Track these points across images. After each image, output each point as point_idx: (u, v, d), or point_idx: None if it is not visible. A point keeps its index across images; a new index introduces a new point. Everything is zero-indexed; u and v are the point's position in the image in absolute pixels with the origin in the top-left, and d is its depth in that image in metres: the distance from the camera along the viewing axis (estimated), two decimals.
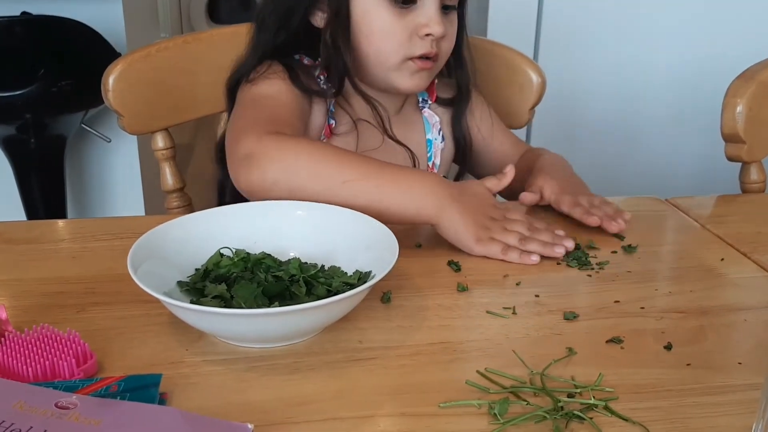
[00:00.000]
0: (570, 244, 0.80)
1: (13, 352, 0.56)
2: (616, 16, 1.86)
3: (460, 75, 1.01)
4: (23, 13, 1.75)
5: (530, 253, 0.78)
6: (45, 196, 1.86)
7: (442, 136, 1.04)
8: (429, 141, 1.03)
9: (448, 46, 0.94)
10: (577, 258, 0.78)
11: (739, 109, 1.02)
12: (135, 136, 1.85)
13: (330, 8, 0.90)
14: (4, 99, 1.68)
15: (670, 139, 1.96)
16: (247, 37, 0.97)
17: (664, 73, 1.91)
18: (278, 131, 0.81)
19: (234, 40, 1.09)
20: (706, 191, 1.04)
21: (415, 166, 0.97)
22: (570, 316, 0.67)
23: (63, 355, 0.56)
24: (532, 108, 1.15)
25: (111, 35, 1.75)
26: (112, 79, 1.02)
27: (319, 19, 0.93)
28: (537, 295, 0.71)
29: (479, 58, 1.13)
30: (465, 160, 1.06)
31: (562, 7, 1.84)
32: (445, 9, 0.91)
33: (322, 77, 0.95)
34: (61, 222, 0.94)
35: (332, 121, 0.96)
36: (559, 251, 0.78)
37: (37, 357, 0.56)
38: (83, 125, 1.84)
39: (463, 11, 0.96)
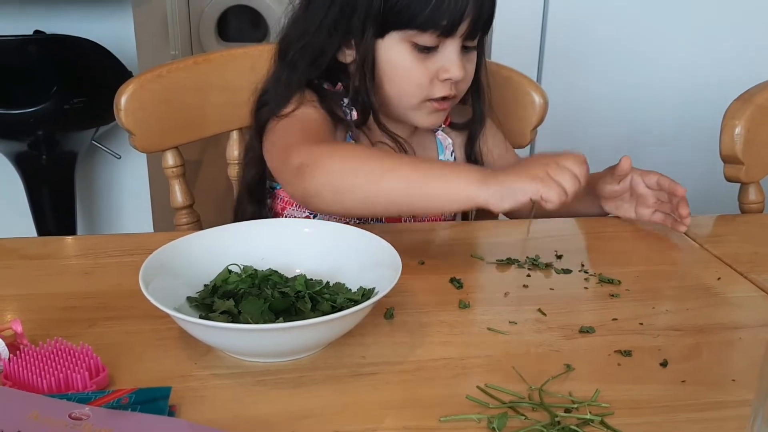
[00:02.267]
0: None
1: (28, 365, 0.58)
2: (617, 39, 1.88)
3: (476, 102, 1.04)
4: (36, 31, 1.79)
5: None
6: (55, 211, 1.89)
7: (454, 158, 1.06)
8: None
9: (465, 85, 0.97)
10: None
11: (737, 130, 1.04)
12: (144, 153, 1.88)
13: (358, 54, 0.93)
14: (17, 116, 1.71)
15: (669, 159, 1.97)
16: (270, 66, 0.99)
17: (664, 95, 1.93)
18: (324, 140, 0.87)
19: (244, 61, 1.12)
20: (705, 211, 1.05)
21: None
22: (587, 329, 0.70)
23: (76, 368, 0.58)
24: (535, 128, 1.17)
25: (122, 53, 1.78)
26: (124, 98, 1.05)
27: (346, 56, 0.96)
28: (539, 311, 0.73)
29: None
30: None
31: (565, 29, 1.87)
32: (465, 49, 0.93)
33: (344, 101, 0.98)
34: (73, 238, 0.96)
35: (350, 140, 0.99)
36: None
37: (51, 369, 0.58)
38: (94, 142, 1.87)
39: (483, 43, 0.98)
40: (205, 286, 0.72)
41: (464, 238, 0.94)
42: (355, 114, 0.97)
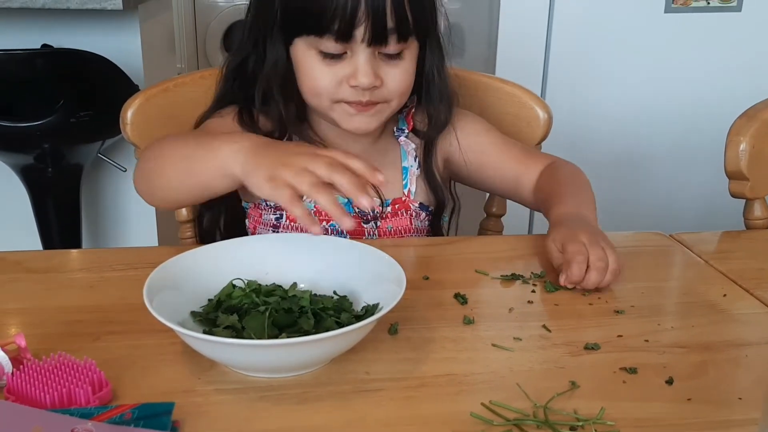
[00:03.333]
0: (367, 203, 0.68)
1: (32, 379, 0.58)
2: (621, 55, 1.89)
3: (430, 108, 1.02)
4: (44, 45, 1.80)
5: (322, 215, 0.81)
6: (61, 224, 1.89)
7: (418, 163, 1.05)
8: (405, 168, 1.03)
9: (392, 90, 0.93)
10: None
11: (742, 147, 1.04)
12: None
13: (270, 59, 0.95)
14: (23, 129, 1.71)
15: (674, 175, 1.98)
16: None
17: (668, 111, 1.93)
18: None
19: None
20: (710, 227, 1.05)
21: (379, 196, 0.98)
22: (591, 346, 0.69)
23: (79, 383, 0.58)
24: (539, 143, 1.17)
25: (129, 67, 1.79)
26: (130, 112, 1.05)
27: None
28: (543, 327, 0.72)
29: (487, 95, 1.16)
30: (437, 192, 1.04)
31: (570, 46, 1.87)
32: (387, 56, 0.91)
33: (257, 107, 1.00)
34: (78, 252, 0.96)
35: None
36: (365, 203, 0.67)
37: (54, 384, 0.58)
38: (100, 155, 1.88)
39: (433, 47, 0.97)
40: (209, 300, 0.71)
41: (468, 253, 0.94)
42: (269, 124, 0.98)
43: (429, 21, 0.94)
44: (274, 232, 0.99)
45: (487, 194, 1.18)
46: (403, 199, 1.02)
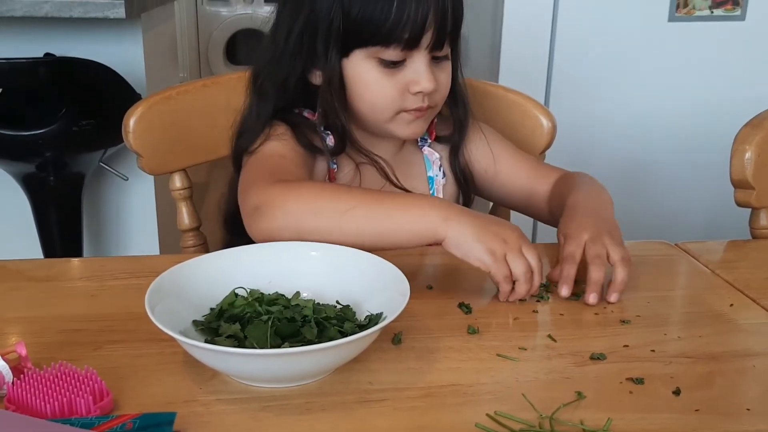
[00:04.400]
0: (565, 292, 0.79)
1: (32, 389, 0.58)
2: (625, 64, 1.89)
3: (455, 112, 1.02)
4: (46, 54, 1.80)
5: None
6: (62, 232, 1.89)
7: (443, 173, 1.05)
8: (430, 178, 1.04)
9: (441, 94, 0.95)
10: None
11: (747, 155, 1.04)
12: (152, 175, 1.88)
13: (324, 74, 0.92)
14: (25, 137, 1.71)
15: (679, 184, 1.97)
16: (245, 100, 0.99)
17: (674, 119, 1.93)
18: (281, 180, 0.84)
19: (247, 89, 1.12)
20: (716, 236, 1.04)
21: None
22: (597, 356, 0.68)
23: (80, 392, 0.57)
24: (543, 152, 1.17)
25: (131, 76, 1.79)
26: (132, 120, 1.05)
27: (316, 77, 0.95)
28: (549, 337, 0.72)
29: (491, 103, 1.15)
30: (467, 194, 1.06)
31: (573, 54, 1.87)
32: (435, 60, 0.92)
33: (322, 128, 0.97)
34: (79, 260, 0.95)
35: (334, 166, 0.98)
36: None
37: (55, 394, 0.57)
38: (101, 164, 1.88)
39: (457, 51, 0.97)
40: (211, 309, 0.71)
41: None
42: (331, 139, 0.96)
43: (462, 23, 0.95)
44: None
45: (491, 203, 1.17)
46: (430, 195, 1.02)
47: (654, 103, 1.91)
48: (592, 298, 0.79)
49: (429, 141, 1.05)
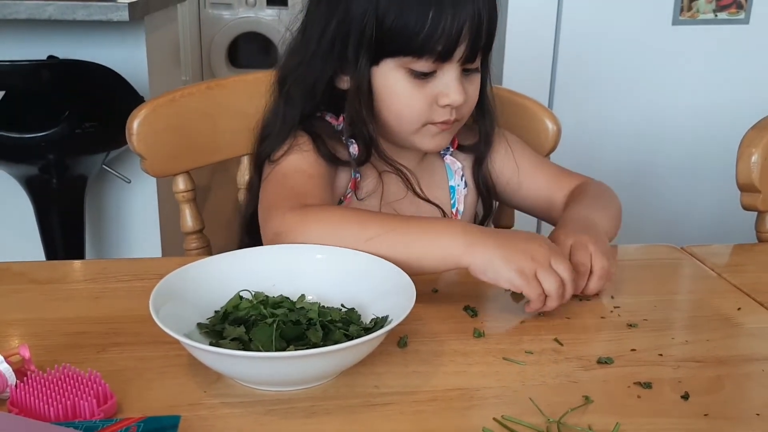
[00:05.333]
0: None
1: (36, 392, 0.57)
2: (629, 67, 1.89)
3: (482, 124, 1.01)
4: (50, 56, 1.81)
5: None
6: (64, 234, 1.89)
7: (465, 182, 1.04)
8: (452, 188, 1.03)
9: (469, 107, 0.94)
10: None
11: (754, 158, 1.03)
12: (154, 178, 1.88)
13: (353, 81, 0.91)
14: (28, 140, 1.71)
15: (685, 187, 1.97)
16: (269, 100, 0.97)
17: (679, 122, 1.92)
18: (302, 204, 0.83)
19: (256, 86, 1.11)
20: (721, 240, 1.04)
21: (442, 211, 0.98)
22: (605, 360, 0.68)
23: (84, 395, 0.57)
24: (548, 155, 1.16)
25: (134, 79, 1.79)
26: (136, 123, 1.05)
27: (344, 83, 0.93)
28: (555, 340, 0.71)
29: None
30: (489, 205, 1.05)
31: (577, 57, 1.87)
32: (465, 72, 0.90)
33: (345, 134, 0.96)
34: (82, 262, 0.95)
35: (357, 175, 0.96)
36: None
37: (58, 397, 0.57)
38: (104, 166, 1.88)
39: (487, 62, 0.96)
40: (216, 312, 0.70)
41: None
42: (356, 148, 0.95)
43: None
44: None
45: (496, 205, 1.16)
46: (452, 218, 1.00)
47: (658, 106, 1.91)
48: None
49: (451, 149, 1.04)
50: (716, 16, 1.85)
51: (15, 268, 0.87)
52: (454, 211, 1.02)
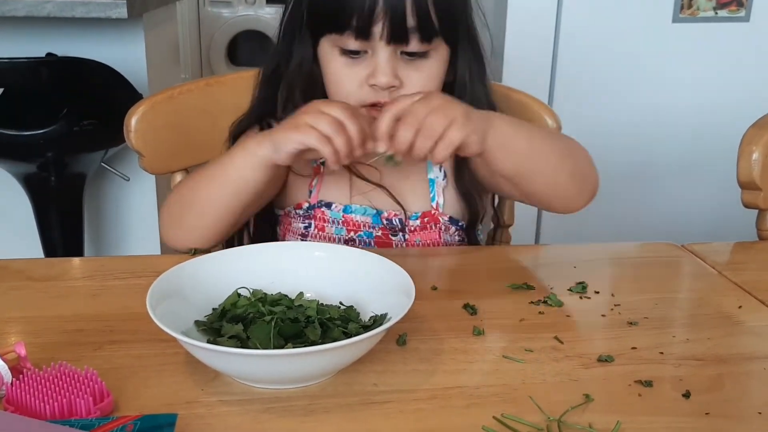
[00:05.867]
0: (371, 147, 0.79)
1: (31, 389, 0.57)
2: (629, 65, 1.88)
3: None
4: (48, 54, 1.80)
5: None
6: (63, 232, 1.88)
7: (444, 173, 1.02)
8: (431, 180, 1.01)
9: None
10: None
11: (754, 156, 1.03)
12: (153, 176, 1.88)
13: (294, 59, 0.94)
14: (27, 137, 1.71)
15: (685, 185, 1.96)
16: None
17: (679, 119, 1.92)
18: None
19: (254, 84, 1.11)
20: (722, 238, 1.03)
21: (399, 205, 0.97)
22: (605, 358, 0.67)
23: (80, 393, 0.56)
24: None
25: (133, 76, 1.78)
26: (134, 119, 1.04)
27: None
28: (555, 338, 0.71)
29: (495, 103, 1.14)
30: (470, 198, 1.01)
31: (577, 54, 1.87)
32: (408, 56, 0.89)
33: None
34: (80, 260, 0.95)
35: (315, 163, 0.98)
36: (358, 153, 0.79)
37: (54, 394, 0.56)
38: (103, 164, 1.87)
39: (462, 52, 0.94)
40: (214, 309, 0.70)
41: (477, 263, 0.92)
42: None
43: (458, 23, 0.92)
44: (302, 240, 0.97)
45: (496, 202, 1.16)
46: (432, 212, 0.99)
47: (658, 103, 1.90)
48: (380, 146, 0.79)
49: None
50: (716, 13, 1.84)
51: (12, 265, 0.86)
52: (434, 204, 1.00)
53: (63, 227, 1.88)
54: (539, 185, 0.89)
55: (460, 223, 1.01)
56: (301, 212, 0.99)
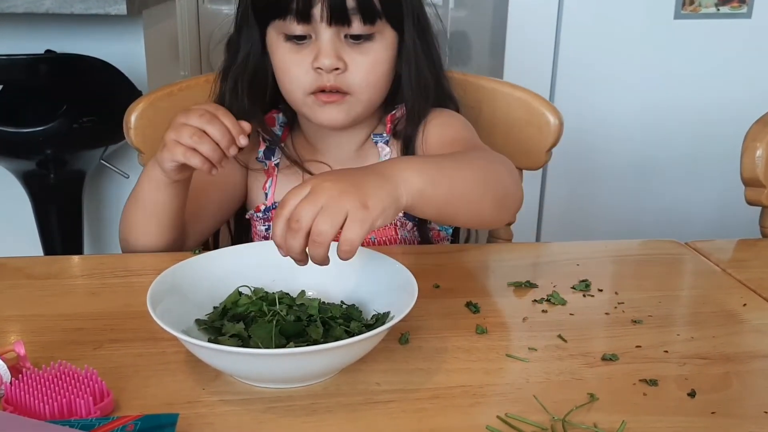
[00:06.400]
0: (243, 141, 0.80)
1: (31, 389, 0.56)
2: (631, 61, 1.88)
3: (407, 101, 0.97)
4: (47, 51, 1.79)
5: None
6: (63, 230, 1.87)
7: None
8: None
9: (358, 78, 0.90)
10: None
11: (758, 153, 1.02)
12: None
13: (241, 50, 0.94)
14: (25, 135, 1.70)
15: (688, 182, 1.96)
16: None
17: (681, 116, 1.91)
18: None
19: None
20: (725, 235, 1.03)
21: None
22: (609, 357, 0.67)
23: (80, 393, 0.56)
24: (550, 150, 1.15)
25: (133, 73, 1.78)
26: (134, 116, 1.04)
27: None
28: (559, 337, 0.70)
29: (497, 101, 1.14)
30: None
31: (579, 50, 1.86)
32: (353, 39, 0.89)
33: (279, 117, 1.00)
34: (80, 258, 0.94)
35: (273, 159, 1.00)
36: (243, 141, 0.80)
37: (54, 394, 0.56)
38: (102, 161, 1.86)
39: (408, 35, 0.93)
40: (215, 308, 0.69)
41: (480, 261, 0.92)
42: (277, 130, 0.99)
43: (401, 6, 0.91)
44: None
45: None
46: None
47: (660, 100, 1.90)
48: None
49: (386, 136, 1.00)
50: (718, 10, 1.84)
51: (11, 263, 0.86)
52: None
53: (62, 225, 1.87)
54: (463, 219, 0.87)
55: (416, 219, 1.00)
56: (260, 215, 1.00)
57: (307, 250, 0.63)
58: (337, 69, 0.88)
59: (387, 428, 0.57)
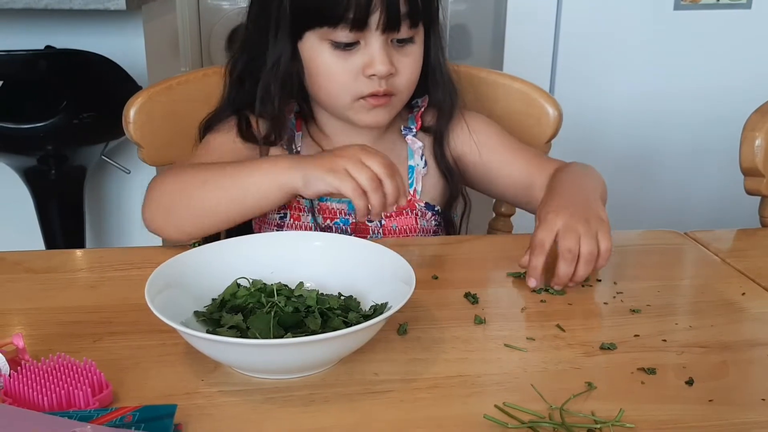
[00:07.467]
0: (403, 202, 0.79)
1: (30, 381, 0.56)
2: (630, 52, 1.87)
3: (435, 98, 0.99)
4: (47, 46, 1.79)
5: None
6: (64, 226, 1.88)
7: (425, 161, 1.01)
8: (411, 167, 1.00)
9: (404, 79, 0.92)
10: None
11: (757, 142, 1.02)
12: (153, 168, 1.87)
13: (269, 58, 0.92)
14: (26, 130, 1.70)
15: (687, 172, 1.96)
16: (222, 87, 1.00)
17: (681, 107, 1.91)
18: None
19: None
20: (724, 225, 1.03)
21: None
22: (608, 346, 0.67)
23: (79, 385, 0.56)
24: (549, 141, 1.15)
25: (133, 69, 1.77)
26: (132, 111, 1.04)
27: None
28: (557, 326, 0.70)
29: (497, 93, 1.14)
30: (453, 186, 1.02)
31: (578, 42, 1.85)
32: (398, 43, 0.90)
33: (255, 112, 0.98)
34: (79, 251, 0.94)
35: (291, 151, 0.98)
36: (390, 210, 0.79)
37: (53, 386, 0.56)
38: (103, 157, 1.86)
39: (435, 35, 0.95)
40: (213, 300, 0.70)
41: (478, 252, 0.92)
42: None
43: (435, 6, 0.93)
44: (278, 230, 0.97)
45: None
46: (409, 198, 0.99)
47: (660, 91, 1.89)
48: (531, 282, 0.77)
49: (414, 130, 1.01)
50: (718, 0, 1.83)
51: (11, 257, 0.86)
52: (411, 190, 0.99)
53: (64, 221, 1.87)
54: None
55: (436, 209, 1.01)
56: None
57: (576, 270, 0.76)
58: (391, 74, 0.89)
59: (385, 418, 0.57)
